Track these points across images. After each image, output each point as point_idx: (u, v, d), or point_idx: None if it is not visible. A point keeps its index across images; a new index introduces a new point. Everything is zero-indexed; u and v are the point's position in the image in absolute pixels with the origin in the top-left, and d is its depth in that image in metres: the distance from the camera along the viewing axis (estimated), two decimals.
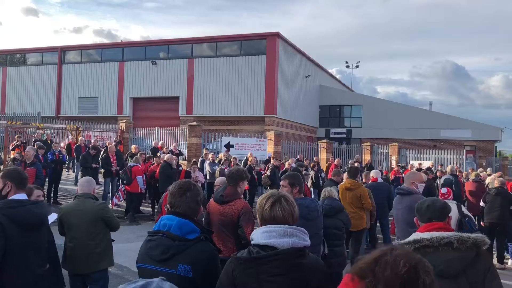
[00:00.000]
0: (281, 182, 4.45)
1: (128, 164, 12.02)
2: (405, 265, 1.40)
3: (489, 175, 13.25)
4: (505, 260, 8.69)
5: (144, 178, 11.89)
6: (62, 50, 34.88)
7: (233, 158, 13.91)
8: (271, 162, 14.58)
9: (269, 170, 13.66)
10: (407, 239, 2.70)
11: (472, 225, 5.83)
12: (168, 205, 2.62)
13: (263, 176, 13.64)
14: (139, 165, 11.74)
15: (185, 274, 2.31)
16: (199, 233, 2.44)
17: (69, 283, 4.69)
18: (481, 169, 14.11)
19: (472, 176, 11.48)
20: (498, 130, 34.56)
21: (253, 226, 4.13)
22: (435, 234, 2.62)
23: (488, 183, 12.09)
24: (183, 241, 2.37)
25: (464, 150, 24.93)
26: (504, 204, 8.61)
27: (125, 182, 11.56)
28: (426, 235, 2.64)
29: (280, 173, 13.03)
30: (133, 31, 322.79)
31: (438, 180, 13.11)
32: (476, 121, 35.47)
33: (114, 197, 12.15)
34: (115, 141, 17.31)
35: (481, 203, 8.89)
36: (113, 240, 4.81)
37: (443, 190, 7.17)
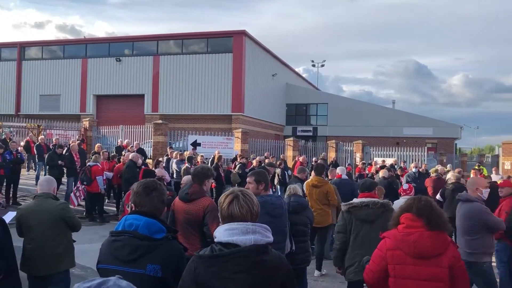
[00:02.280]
0: (247, 179, 4.47)
1: (88, 164, 11.75)
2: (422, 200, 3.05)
3: (448, 171, 13.67)
4: None
5: (105, 178, 11.66)
6: (22, 46, 33.76)
7: (201, 156, 13.83)
8: (238, 160, 14.59)
9: (238, 167, 13.66)
10: (349, 202, 4.84)
11: None
12: (132, 204, 2.58)
13: (232, 174, 13.62)
14: (98, 164, 11.50)
15: (154, 274, 2.29)
16: (166, 233, 2.42)
17: (28, 286, 4.54)
18: (439, 165, 14.54)
19: (433, 173, 11.87)
20: (458, 128, 35.80)
21: (219, 224, 4.12)
22: (361, 199, 4.76)
23: (448, 179, 12.49)
24: (151, 241, 2.34)
25: (426, 147, 25.70)
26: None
27: (85, 182, 11.29)
28: (356, 200, 4.80)
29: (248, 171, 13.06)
30: (97, 27, 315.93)
31: (401, 177, 13.43)
32: (437, 119, 36.65)
33: (74, 196, 11.79)
34: (78, 140, 16.90)
35: (437, 196, 9.16)
36: (74, 241, 4.70)
37: (405, 186, 7.36)
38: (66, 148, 13.25)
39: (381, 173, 11.04)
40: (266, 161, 15.14)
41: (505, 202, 6.37)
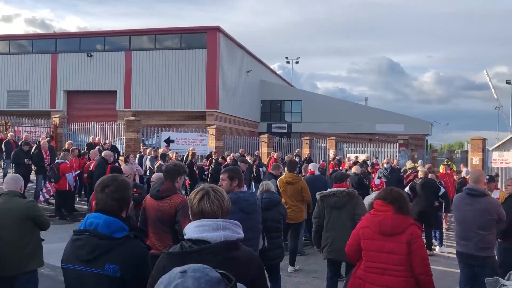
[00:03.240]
0: (221, 176, 4.45)
1: (56, 161, 11.50)
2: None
3: (418, 166, 13.98)
4: (433, 247, 9.25)
5: (74, 175, 11.45)
6: None
7: (176, 153, 13.71)
8: (213, 157, 14.54)
9: (213, 164, 13.60)
10: (321, 192, 5.69)
11: None
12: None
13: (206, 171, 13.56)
14: (67, 161, 11.27)
15: (113, 274, 2.22)
16: (128, 231, 2.35)
17: None
18: (409, 161, 14.85)
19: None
20: (429, 124, 36.60)
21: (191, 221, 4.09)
22: (331, 189, 5.56)
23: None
24: (110, 240, 2.28)
25: (398, 144, 26.16)
26: (429, 194, 9.13)
27: (52, 180, 11.05)
28: (327, 190, 5.64)
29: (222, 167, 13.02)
30: (69, 22, 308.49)
31: (373, 173, 13.65)
32: (409, 116, 37.36)
33: (42, 194, 11.51)
34: (46, 137, 16.49)
35: (406, 189, 9.38)
36: (43, 240, 4.59)
37: (377, 181, 7.50)
38: (35, 145, 12.94)
39: (353, 169, 11.19)
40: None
41: None
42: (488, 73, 54.77)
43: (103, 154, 11.31)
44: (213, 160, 14.00)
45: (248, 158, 15.72)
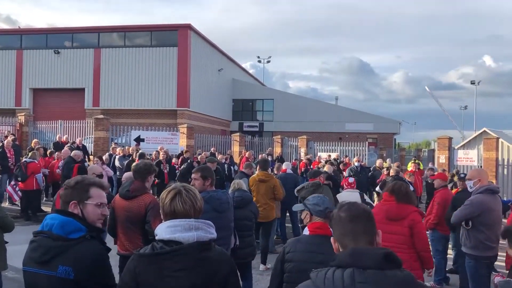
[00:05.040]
0: (193, 175, 4.41)
1: (24, 160, 11.16)
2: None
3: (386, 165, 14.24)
4: None
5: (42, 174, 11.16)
6: None
7: (156, 151, 13.60)
8: (184, 156, 14.42)
9: (185, 164, 13.46)
10: (298, 187, 7.30)
11: None
12: None
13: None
14: (35, 161, 10.95)
15: (66, 276, 2.16)
16: (85, 232, 2.28)
17: None
18: (380, 159, 15.13)
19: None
20: (397, 123, 37.39)
21: (161, 221, 4.03)
22: (303, 184, 7.32)
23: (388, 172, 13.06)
24: (64, 241, 2.21)
25: (367, 142, 26.61)
26: None
27: (19, 179, 10.71)
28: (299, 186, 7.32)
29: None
30: (36, 18, 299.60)
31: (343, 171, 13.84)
32: (378, 115, 38.06)
33: (13, 191, 11.11)
34: (8, 136, 15.96)
35: (377, 189, 9.54)
36: (6, 242, 4.44)
37: (350, 179, 7.61)
38: (0, 145, 12.54)
39: (326, 168, 11.28)
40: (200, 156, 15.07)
41: (438, 194, 6.72)
42: (431, 90, 57.69)
43: (72, 154, 11.05)
44: (184, 159, 13.89)
45: (219, 157, 15.68)
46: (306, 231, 3.19)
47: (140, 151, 12.93)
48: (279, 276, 3.02)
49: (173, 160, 13.96)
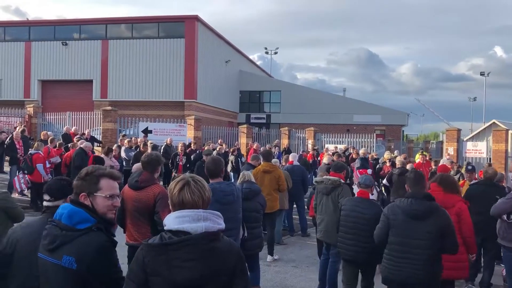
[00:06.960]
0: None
1: (29, 152, 11.24)
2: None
3: (396, 157, 14.19)
4: None
5: (49, 166, 11.21)
6: None
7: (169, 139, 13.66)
8: (192, 147, 14.46)
9: (194, 155, 13.49)
10: (317, 178, 6.45)
11: None
12: None
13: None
14: (40, 152, 11.02)
15: (69, 266, 2.20)
16: (93, 223, 2.30)
17: None
18: (388, 151, 15.08)
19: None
20: (405, 115, 37.17)
21: (170, 211, 4.06)
22: (322, 177, 6.18)
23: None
24: (70, 231, 2.25)
25: (375, 134, 26.49)
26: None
27: (25, 171, 10.81)
28: (320, 178, 6.32)
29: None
30: (45, 10, 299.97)
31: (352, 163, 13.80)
32: (386, 107, 37.84)
33: (18, 182, 11.20)
34: (18, 127, 16.09)
35: (384, 181, 9.49)
36: None
37: (369, 171, 7.67)
38: (9, 136, 12.65)
39: (325, 160, 11.09)
40: (219, 148, 15.11)
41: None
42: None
43: (83, 146, 11.11)
44: (192, 151, 13.91)
45: (224, 147, 15.73)
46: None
47: (153, 144, 12.96)
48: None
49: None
